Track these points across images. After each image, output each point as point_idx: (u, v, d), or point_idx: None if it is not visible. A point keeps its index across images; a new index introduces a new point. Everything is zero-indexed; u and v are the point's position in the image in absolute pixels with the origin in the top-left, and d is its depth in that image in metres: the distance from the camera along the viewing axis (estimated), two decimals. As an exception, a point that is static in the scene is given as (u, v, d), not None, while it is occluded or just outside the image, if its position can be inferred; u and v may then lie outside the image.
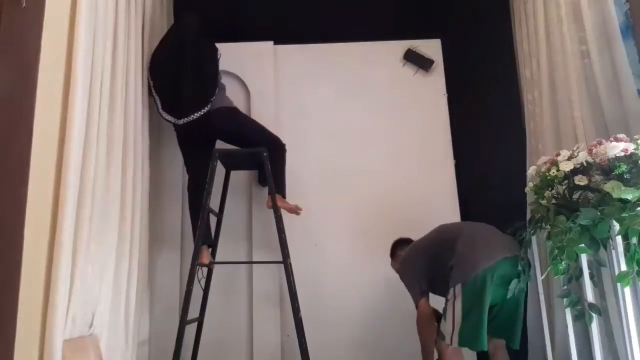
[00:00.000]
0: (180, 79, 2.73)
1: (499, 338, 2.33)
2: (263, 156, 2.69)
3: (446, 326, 2.26)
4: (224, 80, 3.04)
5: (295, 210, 2.84)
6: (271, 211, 2.71)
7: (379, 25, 3.62)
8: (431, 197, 3.17)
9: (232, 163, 3.00)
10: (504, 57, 3.08)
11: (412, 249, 2.57)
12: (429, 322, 2.42)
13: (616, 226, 1.68)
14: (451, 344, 2.21)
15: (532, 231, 2.08)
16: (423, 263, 2.46)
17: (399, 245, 2.68)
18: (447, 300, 2.29)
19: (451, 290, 2.26)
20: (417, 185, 3.18)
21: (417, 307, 2.43)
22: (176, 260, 3.02)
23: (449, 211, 3.13)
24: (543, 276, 2.15)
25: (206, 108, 2.72)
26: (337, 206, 3.18)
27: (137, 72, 2.69)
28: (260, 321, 2.96)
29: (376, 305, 3.01)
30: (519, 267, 2.17)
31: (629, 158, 1.72)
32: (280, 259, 2.65)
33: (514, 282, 2.13)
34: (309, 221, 3.10)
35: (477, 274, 2.17)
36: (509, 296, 2.17)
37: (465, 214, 3.15)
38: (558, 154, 1.94)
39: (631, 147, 1.72)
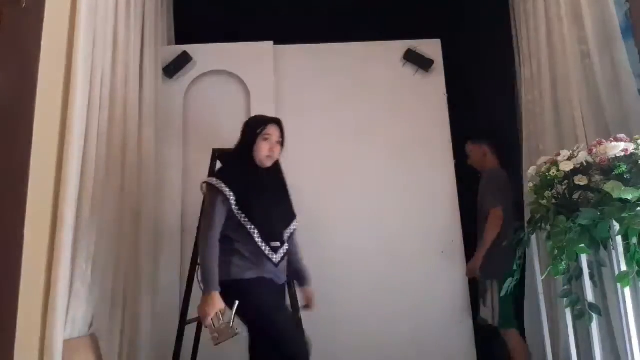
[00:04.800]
0: None
1: None
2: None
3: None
4: (224, 80, 3.03)
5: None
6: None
7: (379, 25, 3.63)
8: (431, 197, 3.16)
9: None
10: (504, 57, 3.07)
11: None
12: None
13: (616, 226, 1.67)
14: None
15: (531, 231, 2.08)
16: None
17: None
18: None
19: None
20: (417, 185, 3.17)
21: (493, 210, 2.77)
22: (176, 260, 3.01)
23: (449, 211, 3.13)
24: (543, 276, 2.14)
25: None
26: (336, 206, 3.18)
27: (137, 73, 2.69)
28: (260, 321, 2.95)
29: (378, 304, 3.00)
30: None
31: (629, 158, 1.71)
32: (280, 259, 2.64)
33: (509, 280, 2.12)
34: (308, 221, 3.09)
35: None
36: (502, 294, 2.16)
37: (465, 214, 3.15)
38: (558, 154, 1.94)
39: (631, 147, 1.71)
